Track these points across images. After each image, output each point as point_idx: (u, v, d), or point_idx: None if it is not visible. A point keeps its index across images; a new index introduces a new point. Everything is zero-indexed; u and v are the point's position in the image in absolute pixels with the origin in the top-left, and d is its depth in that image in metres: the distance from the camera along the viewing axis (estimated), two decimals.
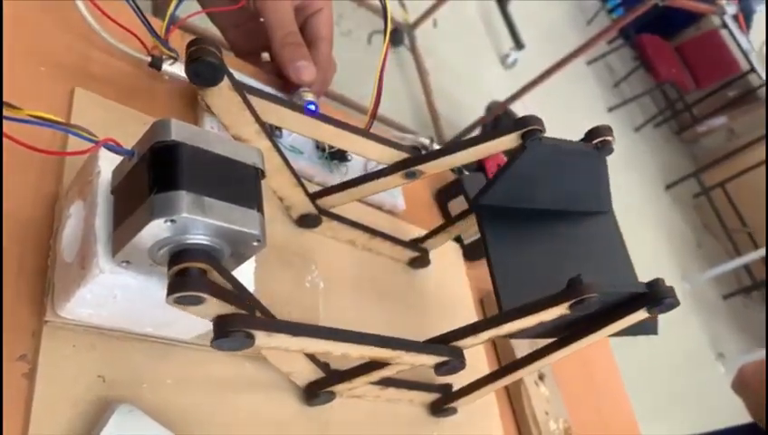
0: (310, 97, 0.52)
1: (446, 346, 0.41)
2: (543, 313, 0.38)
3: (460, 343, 0.41)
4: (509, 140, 0.44)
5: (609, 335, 0.43)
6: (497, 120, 2.32)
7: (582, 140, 0.46)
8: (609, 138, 0.45)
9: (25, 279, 0.33)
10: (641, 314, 0.40)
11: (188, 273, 0.28)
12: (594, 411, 0.67)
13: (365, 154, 0.46)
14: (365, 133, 0.45)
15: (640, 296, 0.40)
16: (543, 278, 0.41)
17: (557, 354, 0.43)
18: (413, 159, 0.46)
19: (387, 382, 0.45)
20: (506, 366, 0.47)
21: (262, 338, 0.31)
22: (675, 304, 0.39)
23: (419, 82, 2.43)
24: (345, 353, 0.36)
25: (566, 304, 0.37)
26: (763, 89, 3.51)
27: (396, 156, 0.46)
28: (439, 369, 0.41)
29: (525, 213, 0.49)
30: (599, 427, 0.66)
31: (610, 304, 0.40)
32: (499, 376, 0.47)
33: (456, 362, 0.40)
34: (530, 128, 0.43)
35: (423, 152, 0.47)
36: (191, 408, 0.36)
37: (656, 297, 0.39)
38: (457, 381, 0.48)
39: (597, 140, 0.45)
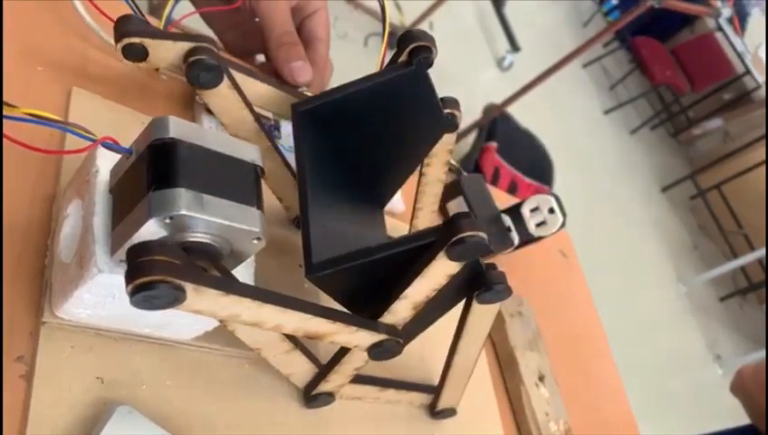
0: None
1: (383, 323, 0.36)
2: (435, 264, 0.32)
3: (386, 319, 0.36)
4: (401, 61, 0.40)
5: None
6: (494, 122, 2.33)
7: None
8: (457, 112, 0.42)
9: (23, 280, 0.33)
10: (477, 309, 0.38)
11: None
12: (594, 413, 0.67)
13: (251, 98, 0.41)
14: (250, 72, 0.40)
15: (478, 277, 0.37)
16: (350, 241, 0.36)
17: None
18: (302, 103, 0.41)
19: (386, 383, 0.44)
20: (447, 357, 0.44)
21: (191, 293, 0.26)
22: (504, 293, 0.36)
23: None
24: (279, 325, 0.32)
25: (443, 248, 0.32)
26: (758, 91, 3.53)
27: (284, 99, 0.42)
28: (373, 352, 0.36)
29: (342, 159, 0.43)
30: (598, 428, 0.66)
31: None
32: (448, 367, 0.44)
33: (390, 341, 0.36)
34: (419, 44, 0.39)
35: None
36: (191, 409, 0.36)
37: (488, 282, 0.36)
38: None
39: (448, 110, 0.43)
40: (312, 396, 0.41)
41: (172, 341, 0.36)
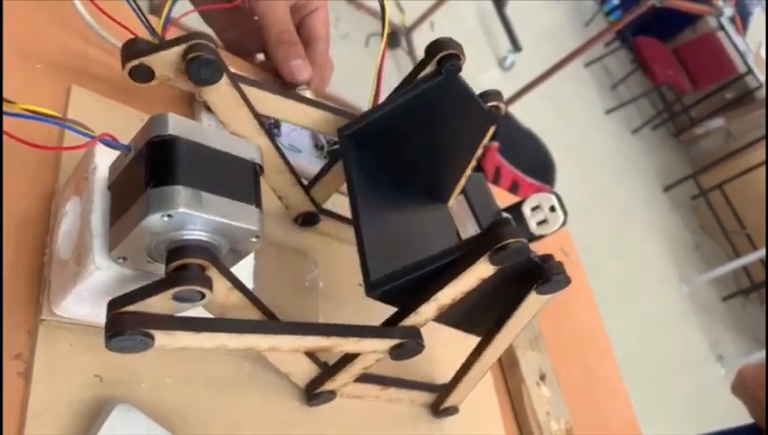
0: (307, 96, 0.52)
1: (398, 327, 0.37)
2: (474, 268, 0.34)
3: (410, 320, 0.37)
4: (430, 72, 0.40)
5: None
6: None
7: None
8: (501, 104, 0.43)
9: (21, 277, 0.33)
10: (535, 300, 0.38)
11: (187, 269, 0.27)
12: (595, 412, 0.67)
13: (300, 122, 0.43)
14: (297, 97, 0.41)
15: (532, 270, 0.38)
16: (408, 248, 0.37)
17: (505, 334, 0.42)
18: (346, 127, 0.42)
19: (387, 382, 0.44)
20: (476, 348, 0.45)
21: (162, 337, 0.28)
22: (563, 283, 0.37)
23: None
24: (274, 347, 0.33)
25: (486, 254, 0.33)
26: (760, 91, 3.52)
27: (333, 121, 0.43)
28: (394, 353, 0.37)
29: (392, 170, 0.44)
30: (600, 428, 0.66)
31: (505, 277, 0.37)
32: (473, 360, 0.44)
33: (411, 343, 0.37)
34: (447, 52, 0.39)
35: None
36: (190, 407, 0.36)
37: (546, 273, 0.37)
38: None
39: (491, 103, 0.43)
40: (314, 394, 0.41)
41: None
